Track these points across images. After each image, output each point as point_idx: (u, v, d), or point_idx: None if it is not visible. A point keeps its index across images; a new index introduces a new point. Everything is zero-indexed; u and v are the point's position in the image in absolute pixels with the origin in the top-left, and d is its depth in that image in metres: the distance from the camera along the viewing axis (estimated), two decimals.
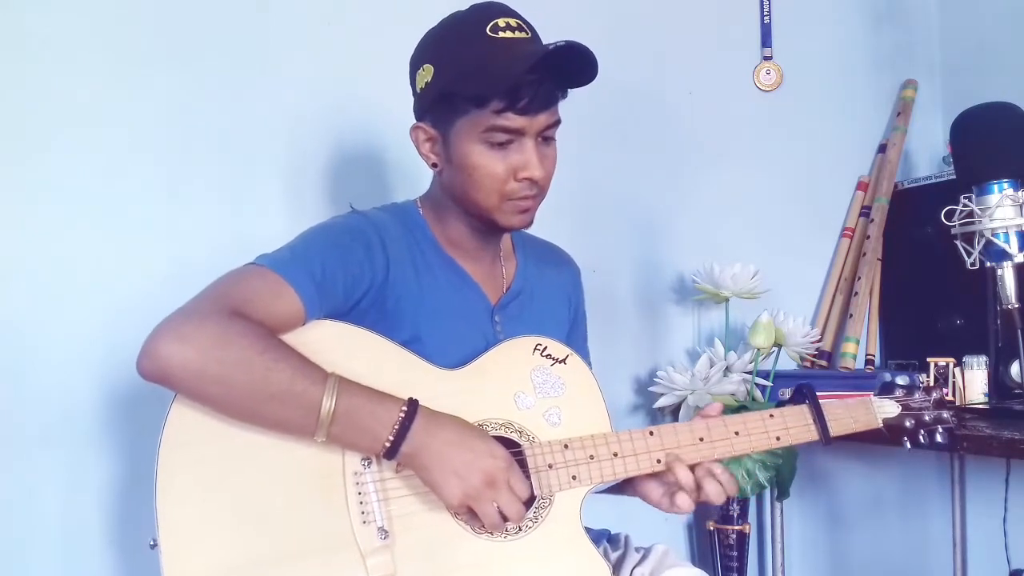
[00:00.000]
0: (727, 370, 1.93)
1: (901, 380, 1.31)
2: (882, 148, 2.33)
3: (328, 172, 1.78)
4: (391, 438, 1.06)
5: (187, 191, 1.66)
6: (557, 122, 1.22)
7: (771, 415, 1.26)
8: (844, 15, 2.33)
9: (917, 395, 1.30)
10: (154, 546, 1.03)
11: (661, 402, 1.93)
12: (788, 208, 2.23)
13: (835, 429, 1.26)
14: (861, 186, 2.30)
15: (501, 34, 1.17)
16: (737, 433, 1.24)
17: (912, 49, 2.40)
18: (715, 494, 1.19)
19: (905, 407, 1.30)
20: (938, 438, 1.29)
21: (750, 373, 1.92)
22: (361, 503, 1.09)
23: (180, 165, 1.65)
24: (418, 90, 1.24)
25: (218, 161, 1.68)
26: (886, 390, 1.32)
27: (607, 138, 2.04)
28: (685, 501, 1.20)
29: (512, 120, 1.16)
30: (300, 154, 1.75)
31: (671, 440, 1.21)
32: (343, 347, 1.12)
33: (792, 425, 1.26)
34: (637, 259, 2.10)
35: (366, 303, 1.18)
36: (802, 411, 1.27)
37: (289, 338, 1.09)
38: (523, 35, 1.19)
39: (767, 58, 2.23)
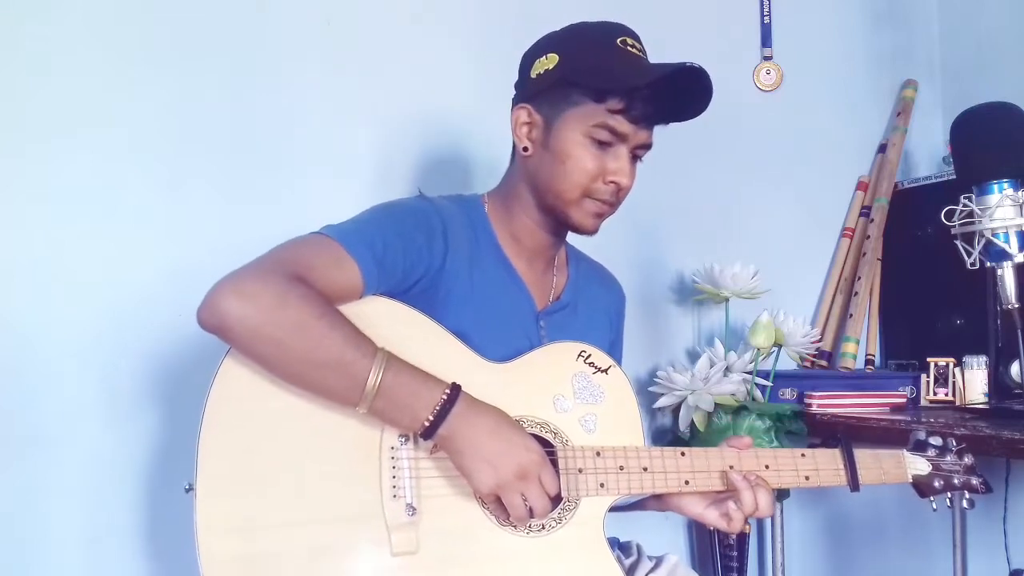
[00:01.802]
0: (727, 370, 1.92)
1: (934, 440, 1.32)
2: (882, 148, 2.32)
3: (329, 171, 1.77)
4: (430, 418, 1.07)
5: (187, 191, 1.66)
6: (651, 145, 1.27)
7: (803, 454, 1.27)
8: (844, 15, 2.33)
9: (949, 457, 1.31)
10: (189, 490, 1.06)
11: (661, 402, 1.93)
12: (788, 208, 2.23)
13: (864, 478, 1.27)
14: (861, 186, 2.30)
15: (629, 49, 1.23)
16: (767, 467, 1.24)
17: (912, 49, 2.40)
18: (766, 505, 1.21)
19: (935, 467, 1.31)
20: (964, 504, 1.30)
21: (750, 373, 1.92)
22: (394, 478, 1.11)
23: (180, 164, 1.66)
24: (532, 75, 1.26)
25: (218, 161, 1.69)
26: (919, 448, 1.32)
27: None
28: (740, 520, 1.22)
29: (620, 123, 1.21)
30: (300, 153, 1.75)
31: (702, 463, 1.23)
32: (395, 325, 1.14)
33: (823, 467, 1.27)
34: (637, 259, 2.09)
35: (419, 288, 1.20)
36: (834, 456, 1.28)
37: (345, 309, 1.10)
38: (645, 57, 1.25)
39: (767, 58, 2.23)
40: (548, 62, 1.24)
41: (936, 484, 1.30)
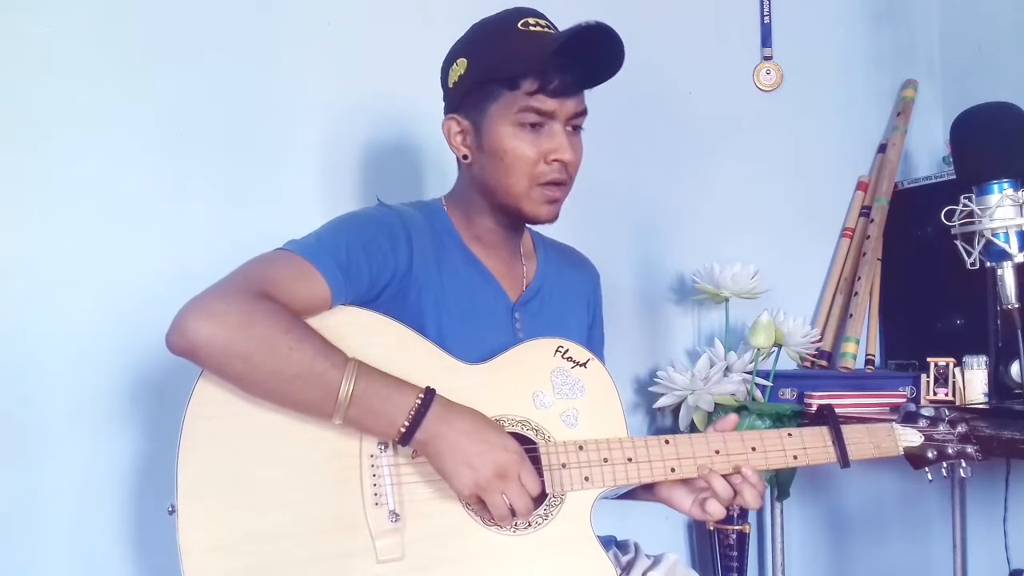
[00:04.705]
0: (727, 370, 1.93)
1: (926, 411, 1.30)
2: (882, 148, 2.33)
3: (329, 171, 1.78)
4: (406, 423, 1.07)
5: (188, 191, 1.66)
6: (585, 111, 1.26)
7: (789, 433, 1.26)
8: (844, 15, 2.33)
9: (941, 427, 1.29)
10: (172, 512, 1.05)
11: (661, 402, 1.93)
12: (788, 208, 2.23)
13: (854, 453, 1.25)
14: (861, 186, 2.30)
15: (532, 28, 1.22)
16: (754, 449, 1.24)
17: (912, 49, 2.40)
18: (752, 499, 1.20)
19: (928, 438, 1.29)
20: (961, 472, 1.28)
21: (750, 373, 1.93)
22: (375, 485, 1.11)
23: (181, 164, 1.66)
24: (451, 85, 1.27)
25: (219, 161, 1.69)
26: (910, 419, 1.30)
27: (607, 138, 2.02)
28: (717, 508, 1.21)
29: (543, 102, 1.20)
30: (301, 153, 1.75)
31: (686, 450, 1.22)
32: (366, 333, 1.14)
33: (810, 445, 1.25)
34: (637, 259, 2.10)
35: (388, 294, 1.20)
36: (822, 432, 1.26)
37: (314, 322, 1.10)
38: (552, 31, 1.23)
39: (767, 58, 2.23)
40: (460, 67, 1.25)
41: (929, 455, 1.27)
